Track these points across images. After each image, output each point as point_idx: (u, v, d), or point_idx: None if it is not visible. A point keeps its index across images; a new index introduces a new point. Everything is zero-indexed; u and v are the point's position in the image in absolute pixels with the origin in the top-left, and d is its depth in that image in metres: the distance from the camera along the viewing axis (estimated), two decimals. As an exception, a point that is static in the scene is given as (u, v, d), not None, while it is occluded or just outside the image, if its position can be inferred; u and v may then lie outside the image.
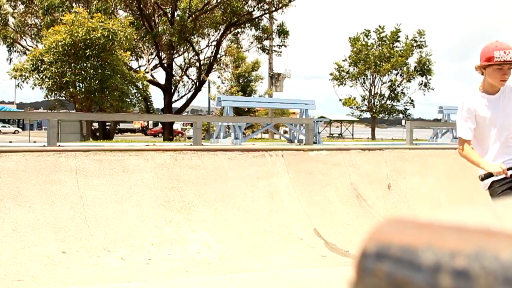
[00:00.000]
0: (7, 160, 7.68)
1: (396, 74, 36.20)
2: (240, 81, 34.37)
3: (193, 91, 32.43)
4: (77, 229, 7.21)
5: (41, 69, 19.34)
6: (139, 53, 31.65)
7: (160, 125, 52.33)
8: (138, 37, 27.46)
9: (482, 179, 4.00)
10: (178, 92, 33.07)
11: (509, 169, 3.77)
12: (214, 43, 31.73)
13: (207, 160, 8.93)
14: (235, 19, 29.30)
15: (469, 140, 3.97)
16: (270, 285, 6.07)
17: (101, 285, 5.96)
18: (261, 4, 29.90)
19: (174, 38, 27.81)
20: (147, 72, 29.23)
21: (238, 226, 8.05)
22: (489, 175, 3.86)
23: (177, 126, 48.79)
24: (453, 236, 0.46)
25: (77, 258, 6.74)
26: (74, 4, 24.70)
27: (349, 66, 36.60)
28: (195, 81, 32.66)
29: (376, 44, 36.27)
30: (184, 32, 27.73)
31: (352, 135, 50.62)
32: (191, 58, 33.01)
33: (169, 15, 28.46)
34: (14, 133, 58.42)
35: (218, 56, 32.00)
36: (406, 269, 0.46)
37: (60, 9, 23.59)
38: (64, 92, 20.97)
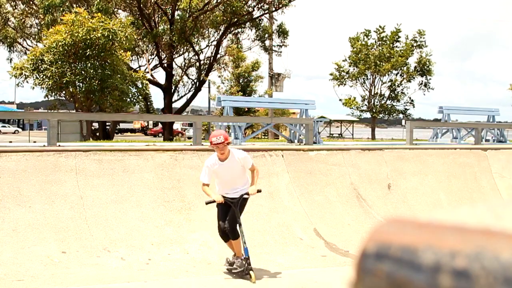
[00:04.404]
0: (7, 160, 7.68)
1: (396, 74, 36.17)
2: (240, 81, 34.36)
3: (193, 91, 32.41)
4: (77, 229, 7.21)
5: (41, 69, 19.34)
6: (140, 52, 31.66)
7: (160, 125, 52.35)
8: (138, 37, 27.45)
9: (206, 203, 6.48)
10: (178, 92, 33.08)
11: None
12: (214, 43, 31.74)
13: (207, 160, 8.92)
14: (235, 19, 29.29)
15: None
16: (270, 285, 6.08)
17: (101, 285, 5.95)
18: (261, 4, 29.89)
19: (174, 38, 27.82)
20: (147, 72, 29.23)
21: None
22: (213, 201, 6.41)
23: (177, 126, 48.80)
24: (453, 236, 0.46)
25: (77, 258, 6.74)
26: (74, 4, 24.70)
27: (349, 66, 36.58)
28: (195, 81, 32.66)
29: (376, 44, 36.26)
30: (184, 32, 27.74)
31: (352, 135, 50.61)
32: (191, 58, 33.03)
33: (169, 15, 28.45)
34: (14, 133, 58.40)
35: (218, 56, 32.00)
36: (406, 269, 0.46)
37: (61, 9, 23.60)
38: (64, 92, 20.97)
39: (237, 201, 6.35)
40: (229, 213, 6.33)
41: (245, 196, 6.43)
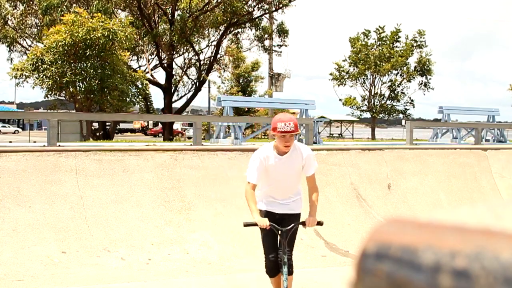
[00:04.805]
0: (7, 160, 7.68)
1: (396, 74, 36.19)
2: (240, 81, 34.35)
3: (193, 91, 32.40)
4: (77, 229, 7.21)
5: (41, 69, 19.35)
6: (139, 52, 31.65)
7: (160, 125, 52.37)
8: (138, 37, 27.45)
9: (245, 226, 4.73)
10: (178, 92, 33.08)
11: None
12: (214, 43, 31.75)
13: (207, 160, 8.93)
14: (235, 19, 29.28)
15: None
16: (270, 285, 6.06)
17: (101, 285, 5.95)
18: (261, 4, 29.89)
19: (174, 38, 27.82)
20: (147, 72, 29.22)
21: (238, 226, 8.04)
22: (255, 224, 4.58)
23: (177, 126, 48.81)
24: (453, 236, 0.46)
25: (77, 258, 6.74)
26: (74, 4, 24.70)
27: (349, 66, 36.60)
28: (195, 81, 32.65)
29: (376, 44, 36.27)
30: (184, 32, 27.73)
31: (352, 135, 50.59)
32: (191, 58, 33.02)
33: (169, 15, 28.44)
34: (14, 133, 58.38)
35: (218, 56, 31.99)
36: (406, 269, 0.46)
37: (59, 9, 23.58)
38: (64, 92, 20.98)
39: (286, 231, 4.66)
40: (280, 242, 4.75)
41: (297, 224, 4.79)
